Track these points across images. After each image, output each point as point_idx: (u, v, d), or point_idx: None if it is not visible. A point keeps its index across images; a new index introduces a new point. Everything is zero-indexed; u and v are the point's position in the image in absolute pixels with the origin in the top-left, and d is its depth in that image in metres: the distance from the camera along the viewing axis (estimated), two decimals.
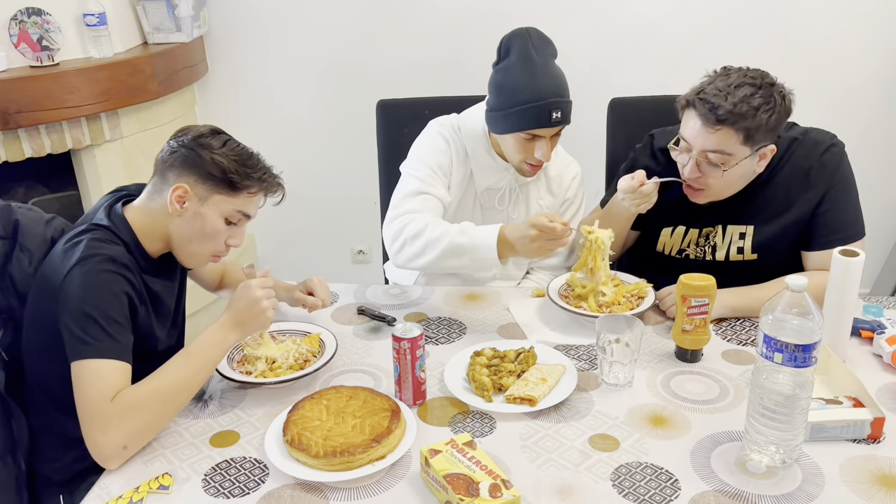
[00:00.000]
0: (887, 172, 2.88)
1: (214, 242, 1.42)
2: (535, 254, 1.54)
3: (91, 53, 2.59)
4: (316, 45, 3.04)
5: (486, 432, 1.29)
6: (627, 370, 1.40)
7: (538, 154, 1.68)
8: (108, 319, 1.26)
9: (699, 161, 1.58)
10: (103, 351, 1.25)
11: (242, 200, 1.40)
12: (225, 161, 1.36)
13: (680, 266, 1.77)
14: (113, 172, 2.68)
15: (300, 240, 3.40)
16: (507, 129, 1.67)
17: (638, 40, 2.91)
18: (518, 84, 1.62)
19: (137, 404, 1.23)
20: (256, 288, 1.35)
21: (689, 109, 1.58)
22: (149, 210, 1.41)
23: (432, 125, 1.85)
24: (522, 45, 1.64)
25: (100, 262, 1.30)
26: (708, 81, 1.57)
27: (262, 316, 1.35)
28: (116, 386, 1.24)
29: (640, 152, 1.84)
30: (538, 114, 1.62)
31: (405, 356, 1.33)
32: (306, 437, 1.21)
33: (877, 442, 1.23)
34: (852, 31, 2.81)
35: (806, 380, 1.13)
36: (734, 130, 1.52)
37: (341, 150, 3.17)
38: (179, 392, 1.29)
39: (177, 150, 1.38)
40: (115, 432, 1.21)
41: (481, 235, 1.56)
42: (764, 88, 1.52)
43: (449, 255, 1.59)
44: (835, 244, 1.57)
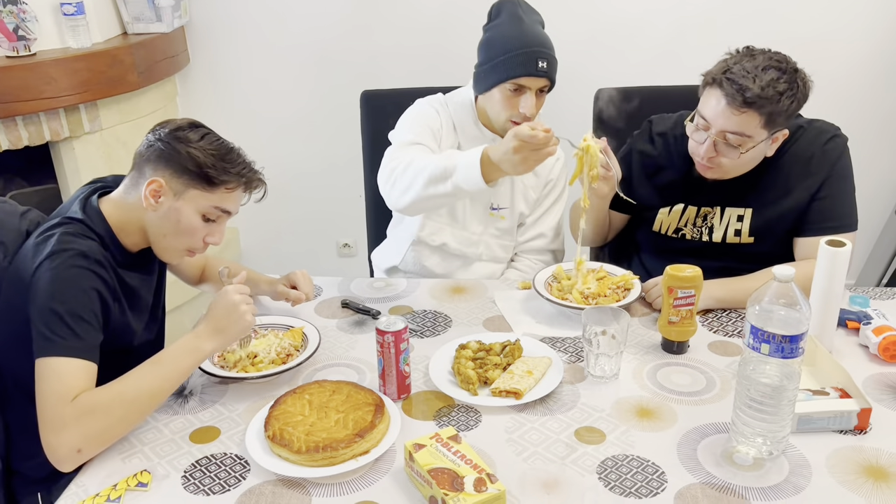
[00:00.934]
0: (873, 164, 2.89)
1: (190, 238, 1.38)
2: (521, 167, 1.46)
3: (69, 44, 2.54)
4: (299, 35, 3.01)
5: (471, 426, 1.28)
6: (614, 362, 1.39)
7: (523, 108, 1.69)
8: (75, 317, 1.23)
9: (716, 140, 1.57)
10: (67, 349, 1.21)
11: (220, 196, 1.36)
12: (201, 155, 1.32)
13: (676, 246, 1.77)
14: (92, 164, 2.64)
15: (284, 233, 3.37)
16: (494, 80, 1.70)
17: (625, 31, 2.89)
18: (506, 35, 1.69)
19: (97, 408, 1.19)
20: (233, 293, 1.31)
21: (713, 88, 1.55)
22: (125, 204, 1.37)
23: (419, 100, 1.87)
24: (512, 7, 1.72)
25: (70, 256, 1.26)
26: (733, 61, 1.54)
27: (241, 321, 1.31)
28: (77, 386, 1.19)
29: (638, 137, 1.84)
30: (525, 60, 1.65)
31: (389, 350, 1.31)
32: (288, 433, 1.19)
33: (863, 433, 1.23)
34: (840, 24, 2.81)
35: (793, 371, 1.12)
36: (758, 114, 1.51)
37: (325, 142, 3.14)
38: (143, 400, 1.24)
39: (153, 144, 1.35)
40: (69, 434, 1.17)
41: (465, 156, 1.53)
42: (788, 73, 1.51)
43: (435, 181, 1.55)
44: (826, 232, 1.57)
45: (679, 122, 1.79)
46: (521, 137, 1.41)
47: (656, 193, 1.78)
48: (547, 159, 1.88)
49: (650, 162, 1.79)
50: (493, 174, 1.50)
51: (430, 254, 1.91)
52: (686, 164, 1.73)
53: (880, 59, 2.86)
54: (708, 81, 1.57)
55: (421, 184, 1.57)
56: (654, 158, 1.79)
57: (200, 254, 1.45)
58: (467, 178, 1.51)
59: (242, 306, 1.31)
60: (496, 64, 1.69)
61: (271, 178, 1.48)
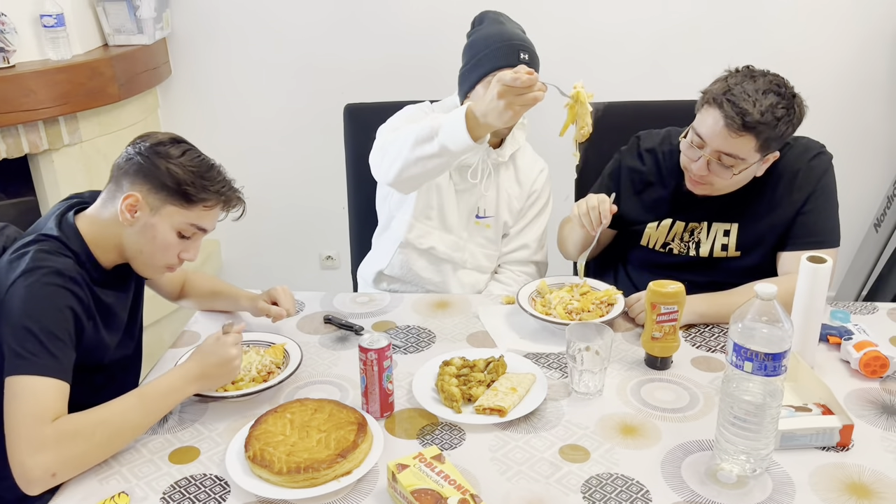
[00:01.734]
0: (854, 177, 2.92)
1: (165, 255, 1.36)
2: (507, 114, 1.39)
3: (49, 55, 2.52)
4: (282, 47, 3.00)
5: (455, 444, 1.27)
6: (598, 378, 1.39)
7: None
8: (49, 335, 1.20)
9: (710, 159, 1.58)
10: (40, 367, 1.18)
11: (197, 214, 1.35)
12: (181, 172, 1.31)
13: (664, 260, 1.77)
14: (72, 177, 2.61)
15: (267, 246, 3.34)
16: (478, 75, 1.71)
17: (607, 46, 2.92)
18: (488, 34, 1.73)
19: (79, 433, 1.17)
20: (232, 346, 1.32)
21: (712, 107, 1.55)
22: (100, 220, 1.35)
23: (408, 106, 1.89)
24: (494, 15, 1.79)
25: (45, 274, 1.24)
26: (734, 81, 1.54)
27: (230, 375, 1.34)
28: (53, 407, 1.17)
29: (626, 154, 1.84)
30: (507, 52, 1.68)
31: (372, 367, 1.30)
32: (269, 453, 1.18)
33: (846, 449, 1.23)
34: (820, 37, 2.85)
35: (776, 388, 1.12)
36: (755, 138, 1.52)
37: (308, 155, 3.13)
38: (125, 431, 1.23)
39: (133, 158, 1.33)
40: (47, 456, 1.14)
41: (449, 116, 1.50)
42: (787, 98, 1.52)
43: (421, 141, 1.52)
44: (809, 247, 1.59)
45: (667, 138, 1.80)
46: (504, 81, 1.36)
47: (644, 209, 1.78)
48: (531, 169, 1.91)
49: (638, 178, 1.80)
50: (480, 130, 1.45)
51: (417, 257, 1.91)
52: (674, 180, 1.74)
53: (859, 73, 2.90)
54: (707, 100, 1.57)
55: (408, 146, 1.55)
56: (642, 174, 1.79)
57: (178, 268, 1.43)
58: (453, 136, 1.46)
59: (236, 361, 1.33)
60: (479, 59, 1.72)
61: (253, 191, 1.47)
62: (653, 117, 1.93)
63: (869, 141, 2.99)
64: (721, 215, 1.71)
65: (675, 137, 1.76)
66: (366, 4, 2.91)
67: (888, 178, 3.00)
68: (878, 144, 3.00)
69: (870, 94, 2.93)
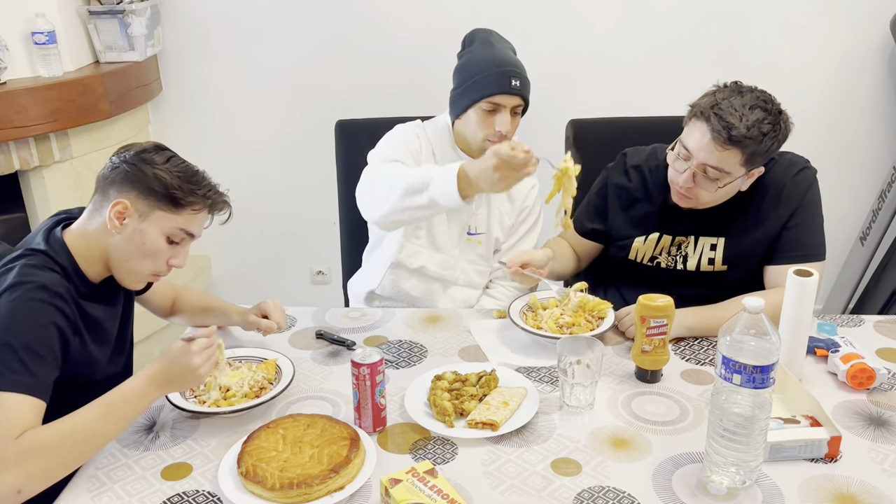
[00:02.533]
0: (837, 192, 2.96)
1: (155, 261, 1.37)
2: (499, 185, 1.45)
3: (40, 72, 2.53)
4: (273, 64, 3.02)
5: (447, 459, 1.27)
6: (589, 392, 1.39)
7: (499, 126, 1.72)
8: (30, 352, 1.19)
9: (696, 172, 1.60)
10: (13, 383, 1.17)
11: (185, 218, 1.36)
12: (168, 176, 1.32)
13: (651, 274, 1.79)
14: (63, 194, 2.61)
15: (258, 261, 3.34)
16: (469, 101, 1.73)
17: (594, 62, 2.95)
18: (479, 58, 1.74)
19: (42, 448, 1.15)
20: (195, 355, 1.29)
21: (699, 120, 1.57)
22: (87, 231, 1.36)
23: (399, 125, 1.90)
24: (484, 35, 1.80)
25: (30, 290, 1.23)
26: (721, 96, 1.56)
27: (195, 382, 1.31)
28: (21, 423, 1.15)
29: (613, 170, 1.86)
30: (498, 79, 1.70)
31: (365, 382, 1.30)
32: (262, 469, 1.18)
33: (834, 461, 1.24)
34: (804, 53, 2.89)
35: (764, 400, 1.13)
36: (741, 152, 1.54)
37: (300, 171, 3.14)
38: (91, 443, 1.20)
39: (118, 166, 1.34)
40: (10, 474, 1.12)
41: (441, 171, 1.52)
42: (773, 115, 1.54)
43: (411, 192, 1.54)
44: (795, 261, 1.61)
45: (653, 154, 1.82)
46: (500, 156, 1.40)
47: (631, 224, 1.80)
48: (522, 185, 1.93)
49: (625, 194, 1.82)
50: (470, 190, 1.49)
51: (408, 276, 1.91)
52: (661, 195, 1.76)
53: (843, 88, 2.94)
54: (695, 114, 1.59)
55: (398, 194, 1.56)
56: (629, 191, 1.81)
57: (165, 276, 1.43)
58: (443, 192, 1.49)
59: (201, 369, 1.30)
60: (470, 85, 1.73)
61: (245, 206, 1.48)
62: (638, 133, 1.95)
63: (854, 155, 3.04)
64: (708, 229, 1.73)
65: (661, 153, 1.79)
66: (357, 21, 2.93)
67: (873, 192, 3.04)
68: (864, 159, 3.04)
69: (854, 108, 2.97)
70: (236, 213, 1.45)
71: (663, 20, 2.88)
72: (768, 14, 2.85)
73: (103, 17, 2.72)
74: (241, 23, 2.96)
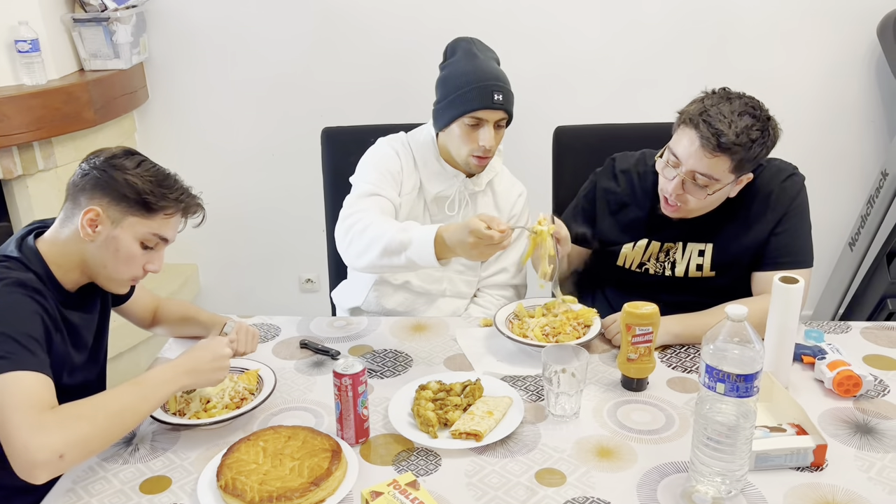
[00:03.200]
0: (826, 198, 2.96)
1: (130, 267, 1.36)
2: (476, 258, 1.51)
3: (23, 80, 2.51)
4: (260, 71, 3.00)
5: (430, 470, 1.25)
6: (574, 401, 1.38)
7: (482, 140, 1.71)
8: (24, 336, 1.19)
9: (685, 179, 1.59)
10: (23, 363, 1.16)
11: (158, 223, 1.35)
12: (139, 182, 1.31)
13: (639, 280, 1.78)
14: (46, 202, 2.59)
15: (245, 269, 3.32)
16: (451, 115, 1.72)
17: (581, 69, 2.95)
18: (461, 71, 1.72)
19: (81, 414, 1.16)
20: (225, 346, 1.34)
21: (688, 127, 1.57)
22: (60, 239, 1.34)
23: (381, 140, 1.88)
24: (466, 45, 1.77)
25: (8, 285, 1.23)
26: (710, 102, 1.56)
27: (218, 373, 1.34)
28: (47, 398, 1.16)
29: (601, 175, 1.86)
30: (480, 94, 1.68)
31: (347, 393, 1.29)
32: (241, 482, 1.16)
33: (820, 469, 1.23)
34: (792, 60, 2.90)
35: (749, 409, 1.12)
36: (730, 159, 1.54)
37: (286, 178, 3.12)
38: (126, 414, 1.21)
39: (88, 173, 1.32)
40: (52, 436, 1.11)
41: (419, 234, 1.54)
42: (762, 121, 1.54)
43: (389, 253, 1.56)
44: (782, 267, 1.60)
45: (641, 159, 1.82)
46: (477, 235, 1.43)
47: (620, 229, 1.80)
48: (509, 194, 1.92)
49: (614, 199, 1.81)
50: (447, 254, 1.52)
51: (392, 292, 1.90)
52: (649, 201, 1.76)
53: (831, 95, 2.95)
54: (684, 120, 1.59)
55: (376, 253, 1.58)
56: (617, 195, 1.81)
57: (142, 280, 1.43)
58: (420, 256, 1.53)
59: (226, 360, 1.33)
60: (453, 99, 1.72)
61: (231, 213, 1.48)
62: (625, 140, 1.94)
63: (842, 161, 3.04)
64: (696, 236, 1.72)
65: (650, 159, 1.78)
66: (343, 28, 2.93)
67: (862, 198, 3.04)
68: (852, 164, 3.05)
69: (842, 114, 2.98)
70: (223, 221, 1.45)
71: (650, 28, 2.88)
72: (755, 21, 2.86)
73: (88, 25, 2.70)
74: (228, 30, 2.95)
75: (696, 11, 2.85)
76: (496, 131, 1.74)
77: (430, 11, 2.87)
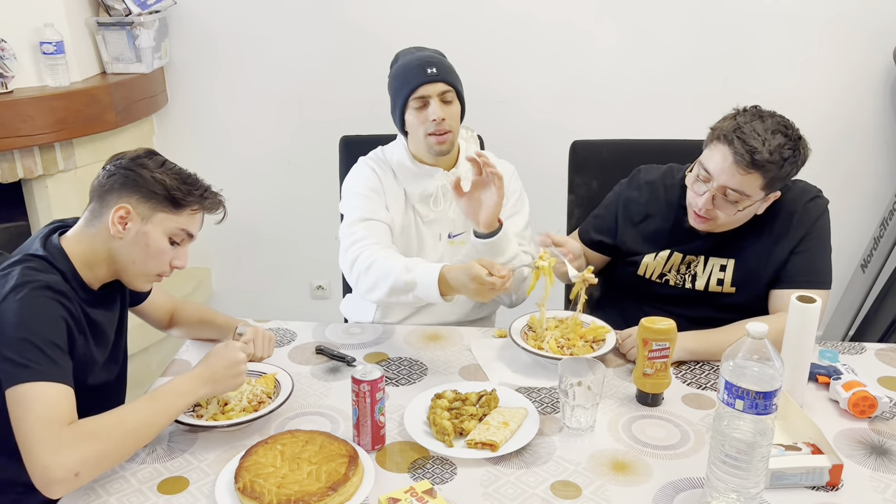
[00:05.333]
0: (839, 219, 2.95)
1: (159, 262, 1.39)
2: (479, 300, 1.57)
3: (47, 82, 2.54)
4: (279, 78, 3.03)
5: (446, 479, 1.26)
6: (589, 414, 1.39)
7: (431, 115, 1.73)
8: (49, 343, 1.21)
9: (715, 195, 1.60)
10: (45, 374, 1.19)
11: (185, 218, 1.39)
12: (167, 178, 1.36)
13: (658, 291, 1.79)
14: (65, 203, 2.61)
15: (258, 274, 3.34)
16: (399, 105, 1.79)
17: (597, 85, 2.96)
18: (399, 65, 1.82)
19: (98, 432, 1.18)
20: (239, 351, 1.36)
21: (721, 143, 1.58)
22: (86, 237, 1.37)
23: (359, 160, 1.92)
24: (406, 49, 1.87)
25: (35, 288, 1.25)
26: (744, 120, 1.57)
27: (236, 379, 1.36)
28: (66, 411, 1.18)
29: (626, 185, 1.87)
30: (417, 71, 1.75)
31: (364, 399, 1.30)
32: (259, 485, 1.17)
33: (835, 489, 1.23)
34: (806, 80, 2.91)
35: (766, 427, 1.13)
36: (762, 176, 1.55)
37: (302, 185, 3.14)
38: (142, 430, 1.24)
39: (115, 173, 1.36)
40: (68, 456, 1.14)
41: (423, 275, 1.57)
42: (793, 140, 1.56)
43: (397, 292, 1.62)
44: (800, 286, 1.61)
45: (668, 173, 1.83)
46: (478, 282, 1.47)
47: (643, 240, 1.80)
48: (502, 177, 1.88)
49: (637, 209, 1.82)
50: (450, 293, 1.56)
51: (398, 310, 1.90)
52: (674, 213, 1.77)
53: (845, 115, 2.95)
54: (717, 136, 1.60)
55: (384, 292, 1.63)
56: (641, 206, 1.82)
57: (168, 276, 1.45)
58: (427, 295, 1.57)
59: (242, 366, 1.36)
60: (395, 89, 1.80)
61: (246, 219, 1.51)
62: (641, 156, 1.96)
63: (855, 182, 3.04)
64: (718, 251, 1.73)
65: (677, 173, 1.80)
66: (362, 37, 2.95)
67: (875, 220, 3.04)
68: (865, 186, 3.05)
69: (856, 136, 2.99)
70: (237, 226, 1.47)
71: (667, 45, 2.89)
72: (771, 40, 2.87)
73: (111, 29, 2.73)
74: (248, 37, 2.98)
75: (712, 30, 2.87)
76: (446, 105, 1.76)
77: (448, 28, 2.89)
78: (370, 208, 1.79)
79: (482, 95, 2.93)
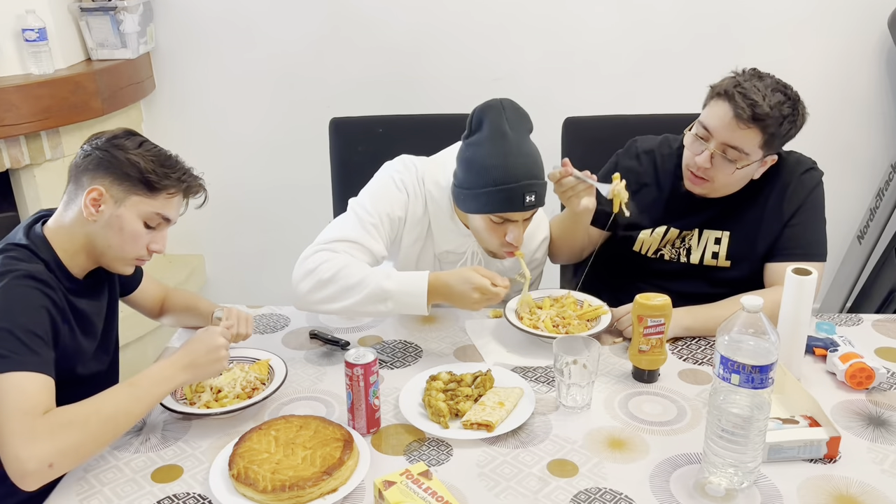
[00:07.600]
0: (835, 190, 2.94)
1: (135, 246, 1.36)
2: (472, 309, 1.55)
3: (31, 70, 2.50)
4: (267, 61, 2.99)
5: (442, 460, 1.25)
6: (585, 392, 1.38)
7: (510, 238, 1.56)
8: (28, 333, 1.19)
9: (714, 153, 1.59)
10: (23, 363, 1.16)
11: (161, 202, 1.35)
12: (142, 161, 1.31)
13: (654, 267, 1.79)
14: (54, 192, 2.58)
15: (251, 260, 3.32)
16: (476, 210, 1.55)
17: (590, 60, 2.93)
18: (489, 162, 1.49)
19: (73, 422, 1.15)
20: (219, 336, 1.33)
21: (721, 100, 1.58)
22: (64, 222, 1.34)
23: (396, 169, 1.69)
24: (496, 118, 1.51)
25: (16, 277, 1.23)
26: (743, 78, 1.59)
27: (217, 364, 1.32)
28: (43, 401, 1.16)
29: (623, 155, 1.86)
30: (511, 196, 1.49)
31: (358, 383, 1.29)
32: (253, 471, 1.16)
33: (833, 461, 1.23)
34: (801, 52, 2.88)
35: (763, 401, 1.12)
36: (761, 132, 1.55)
37: (293, 169, 3.11)
38: (119, 418, 1.21)
39: (90, 154, 1.32)
40: (42, 446, 1.11)
41: (409, 281, 1.51)
42: (792, 100, 1.58)
43: (373, 300, 1.51)
44: (795, 259, 1.60)
45: (665, 142, 1.83)
46: (482, 292, 1.47)
47: (638, 210, 1.78)
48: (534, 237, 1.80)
49: (634, 178, 1.80)
50: (438, 300, 1.53)
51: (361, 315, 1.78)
52: (670, 182, 1.76)
53: (840, 87, 2.93)
54: (717, 93, 1.60)
55: (356, 300, 1.51)
56: (638, 175, 1.81)
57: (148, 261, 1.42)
58: (408, 304, 1.52)
59: (223, 350, 1.32)
60: (478, 194, 1.52)
61: (238, 204, 1.47)
62: (634, 132, 1.93)
63: (852, 154, 3.03)
64: (713, 223, 1.72)
65: (673, 142, 1.80)
66: (351, 18, 2.91)
67: (871, 191, 3.03)
68: (861, 157, 3.03)
69: (852, 107, 2.96)
70: (229, 212, 1.45)
71: (661, 20, 2.86)
72: (764, 13, 2.84)
73: (95, 14, 2.69)
74: (235, 20, 2.94)
75: (705, 4, 2.83)
76: (527, 223, 1.60)
77: (441, 5, 2.85)
78: (371, 233, 1.61)
79: (476, 73, 2.91)
